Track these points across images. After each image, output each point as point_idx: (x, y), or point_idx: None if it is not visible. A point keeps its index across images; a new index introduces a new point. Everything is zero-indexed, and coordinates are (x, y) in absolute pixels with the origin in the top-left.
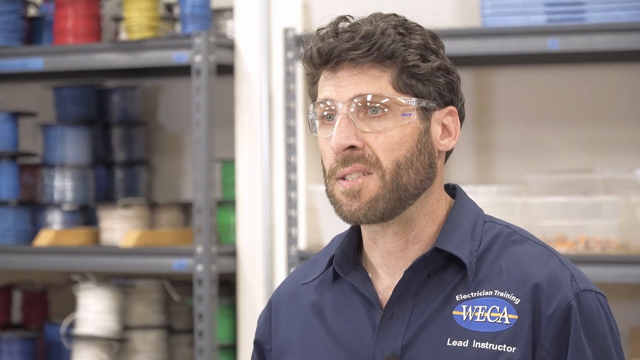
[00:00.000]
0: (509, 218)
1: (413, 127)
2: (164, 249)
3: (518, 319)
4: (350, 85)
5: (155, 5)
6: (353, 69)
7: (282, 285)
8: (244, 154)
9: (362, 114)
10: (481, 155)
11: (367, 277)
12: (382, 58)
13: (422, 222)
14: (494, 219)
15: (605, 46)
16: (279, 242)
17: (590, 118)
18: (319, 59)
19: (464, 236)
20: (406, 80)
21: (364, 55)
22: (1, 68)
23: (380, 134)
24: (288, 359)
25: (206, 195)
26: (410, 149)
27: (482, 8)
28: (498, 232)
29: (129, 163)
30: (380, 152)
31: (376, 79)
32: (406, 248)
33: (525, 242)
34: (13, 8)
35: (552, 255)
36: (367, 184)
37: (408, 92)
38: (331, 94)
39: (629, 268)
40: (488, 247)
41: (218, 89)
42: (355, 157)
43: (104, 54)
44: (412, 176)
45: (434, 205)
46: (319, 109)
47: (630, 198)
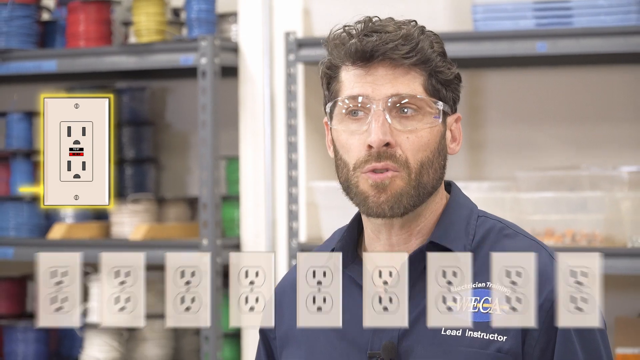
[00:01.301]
0: (500, 213)
1: (438, 129)
2: (172, 242)
3: (508, 309)
4: (387, 84)
5: (162, 10)
6: (389, 69)
7: (285, 277)
8: (248, 151)
9: (394, 112)
10: (473, 152)
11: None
12: (419, 62)
13: (427, 218)
14: (487, 214)
15: (592, 49)
16: (281, 235)
17: (577, 118)
18: (355, 54)
19: (459, 231)
20: (435, 84)
21: (406, 56)
22: (16, 70)
23: (411, 133)
24: (291, 347)
25: (211, 191)
26: (433, 150)
27: (474, 13)
28: (491, 227)
29: (138, 160)
30: (410, 152)
31: (411, 80)
32: (409, 241)
33: (517, 236)
34: (27, 13)
35: (541, 249)
36: (395, 180)
37: (435, 96)
38: (366, 90)
39: (614, 260)
40: (481, 241)
41: (223, 90)
42: (388, 155)
43: (114, 56)
44: (431, 175)
45: (437, 203)
46: (345, 103)
47: (614, 194)
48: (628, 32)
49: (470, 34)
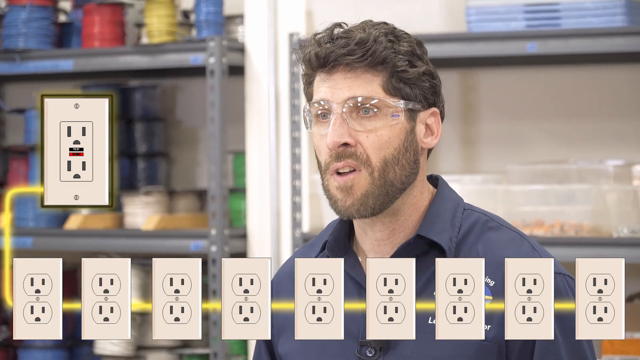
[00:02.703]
0: (492, 204)
1: (401, 127)
2: (182, 232)
3: (492, 299)
4: (344, 88)
5: (173, 12)
6: (347, 72)
7: (282, 268)
8: (254, 146)
9: (354, 114)
10: (467, 147)
11: (357, 261)
12: (375, 63)
13: (407, 213)
14: (473, 207)
15: (580, 49)
16: (285, 225)
17: (566, 114)
18: (316, 62)
19: (445, 223)
20: (395, 84)
21: (358, 60)
22: (35, 69)
23: (371, 133)
24: (287, 334)
25: (219, 183)
26: (397, 147)
27: (468, 15)
28: (476, 220)
29: (150, 155)
30: (371, 150)
31: (368, 82)
32: (393, 236)
33: (500, 228)
34: (45, 15)
35: (524, 241)
36: (358, 180)
37: (397, 94)
38: (327, 95)
39: (600, 249)
40: (466, 233)
41: (230, 88)
42: (348, 154)
43: (127, 56)
44: (398, 172)
45: (417, 197)
46: (314, 108)
47: (600, 186)
48: (614, 33)
49: (464, 34)
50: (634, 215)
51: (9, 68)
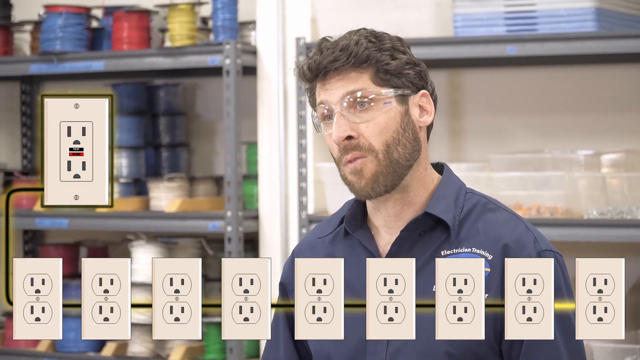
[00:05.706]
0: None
1: (395, 112)
2: (201, 214)
3: (490, 271)
4: (339, 88)
5: (193, 19)
6: (339, 75)
7: (303, 239)
8: (265, 138)
9: (352, 109)
10: (453, 139)
11: (371, 235)
12: (360, 62)
13: (416, 188)
14: (474, 191)
15: (554, 52)
16: (293, 208)
17: (542, 109)
18: (310, 73)
19: (449, 204)
20: (382, 76)
21: (344, 63)
22: (70, 69)
23: (369, 122)
24: None
25: (234, 170)
26: (396, 130)
27: (455, 21)
28: (476, 202)
29: (172, 145)
30: (372, 138)
31: (357, 79)
32: (403, 212)
33: (498, 210)
34: (79, 21)
35: (519, 222)
36: (366, 164)
37: (386, 85)
38: (325, 97)
39: (572, 229)
40: (468, 213)
41: (243, 86)
42: (352, 146)
43: (152, 58)
44: (401, 151)
45: (423, 173)
46: (319, 109)
47: (573, 173)
48: (585, 37)
49: (451, 39)
50: (602, 199)
51: (47, 68)
